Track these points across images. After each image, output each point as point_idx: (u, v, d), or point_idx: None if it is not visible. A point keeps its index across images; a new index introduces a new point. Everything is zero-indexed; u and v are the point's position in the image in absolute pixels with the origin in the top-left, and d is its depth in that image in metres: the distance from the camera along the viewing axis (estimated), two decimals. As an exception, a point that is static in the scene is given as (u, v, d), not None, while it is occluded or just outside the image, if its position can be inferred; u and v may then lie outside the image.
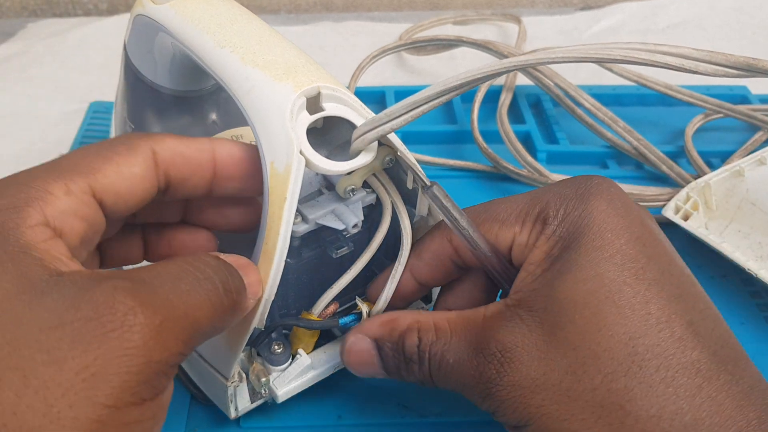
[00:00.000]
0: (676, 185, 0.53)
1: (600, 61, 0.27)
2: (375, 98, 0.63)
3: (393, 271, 0.34)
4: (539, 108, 0.63)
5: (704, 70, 0.25)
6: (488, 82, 0.61)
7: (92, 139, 0.58)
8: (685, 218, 0.47)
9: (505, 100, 0.59)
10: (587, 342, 0.28)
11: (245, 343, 0.32)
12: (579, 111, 0.57)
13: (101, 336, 0.22)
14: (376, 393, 0.39)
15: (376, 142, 0.31)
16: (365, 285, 0.34)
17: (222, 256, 0.29)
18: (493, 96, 0.61)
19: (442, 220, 0.33)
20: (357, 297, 0.35)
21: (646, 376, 0.27)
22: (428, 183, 0.32)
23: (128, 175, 0.29)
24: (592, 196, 0.31)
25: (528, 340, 0.29)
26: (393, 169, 0.33)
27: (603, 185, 0.31)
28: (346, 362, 0.34)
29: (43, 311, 0.22)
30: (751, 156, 0.49)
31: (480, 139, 0.55)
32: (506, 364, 0.29)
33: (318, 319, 0.34)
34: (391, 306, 0.35)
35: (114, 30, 0.75)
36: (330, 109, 0.31)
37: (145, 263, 0.33)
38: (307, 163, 0.29)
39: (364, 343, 0.33)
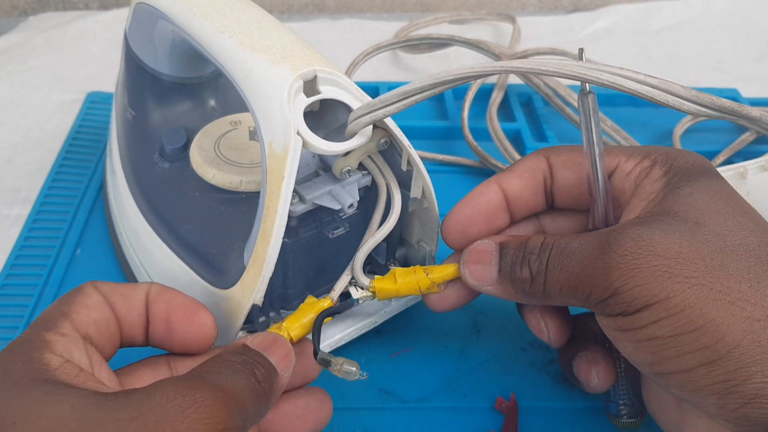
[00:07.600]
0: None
1: (588, 82, 0.27)
2: (369, 93, 0.62)
3: (369, 235, 0.35)
4: (530, 107, 0.64)
5: (687, 108, 0.26)
6: (480, 81, 0.62)
7: (89, 128, 0.59)
8: None
9: (495, 98, 0.60)
10: (732, 233, 0.28)
11: (244, 320, 0.33)
12: (568, 110, 0.58)
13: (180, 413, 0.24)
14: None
15: (371, 125, 0.32)
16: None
17: (249, 341, 0.29)
18: (485, 94, 0.62)
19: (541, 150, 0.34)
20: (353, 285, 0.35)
21: None
22: (587, 89, 0.31)
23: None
24: (697, 156, 0.32)
25: (669, 228, 0.28)
26: (388, 151, 0.34)
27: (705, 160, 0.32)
28: (464, 260, 0.33)
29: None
30: (756, 160, 0.49)
31: (469, 136, 0.56)
32: (642, 240, 0.28)
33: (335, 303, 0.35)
34: (472, 236, 0.34)
35: (111, 23, 0.75)
36: (326, 92, 0.32)
37: None
38: (305, 144, 0.30)
39: (489, 245, 0.33)
